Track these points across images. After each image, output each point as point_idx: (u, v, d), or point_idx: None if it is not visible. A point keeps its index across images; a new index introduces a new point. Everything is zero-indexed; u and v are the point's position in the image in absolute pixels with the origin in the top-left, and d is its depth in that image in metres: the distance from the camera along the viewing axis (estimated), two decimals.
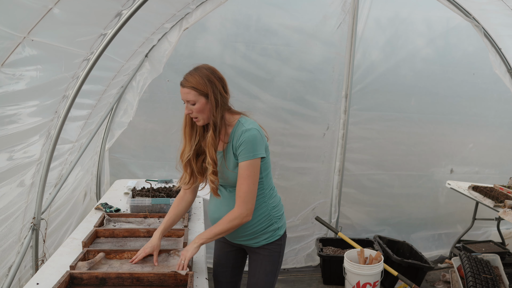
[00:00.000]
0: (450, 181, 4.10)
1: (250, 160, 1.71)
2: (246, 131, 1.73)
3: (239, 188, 1.73)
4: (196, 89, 1.74)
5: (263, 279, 1.90)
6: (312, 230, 4.00)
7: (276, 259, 1.91)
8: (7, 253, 2.02)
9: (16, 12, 1.38)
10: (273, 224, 1.87)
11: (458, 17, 3.27)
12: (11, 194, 1.90)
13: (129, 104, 3.23)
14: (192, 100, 1.75)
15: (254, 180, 1.73)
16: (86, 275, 1.65)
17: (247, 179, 1.72)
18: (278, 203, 1.92)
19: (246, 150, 1.71)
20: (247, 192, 1.72)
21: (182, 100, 1.79)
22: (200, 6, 2.88)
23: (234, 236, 1.90)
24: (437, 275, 3.83)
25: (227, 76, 3.90)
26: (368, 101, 3.83)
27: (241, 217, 1.73)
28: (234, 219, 1.73)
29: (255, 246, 1.89)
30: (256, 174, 1.73)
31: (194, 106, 1.75)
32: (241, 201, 1.73)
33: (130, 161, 3.68)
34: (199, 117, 1.77)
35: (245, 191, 1.72)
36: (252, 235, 1.86)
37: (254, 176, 1.73)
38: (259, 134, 1.74)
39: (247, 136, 1.71)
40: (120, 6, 1.91)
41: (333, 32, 3.61)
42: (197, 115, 1.76)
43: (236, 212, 1.73)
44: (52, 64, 1.77)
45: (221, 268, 2.06)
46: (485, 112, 4.05)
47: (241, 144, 1.71)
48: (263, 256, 1.89)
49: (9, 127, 1.68)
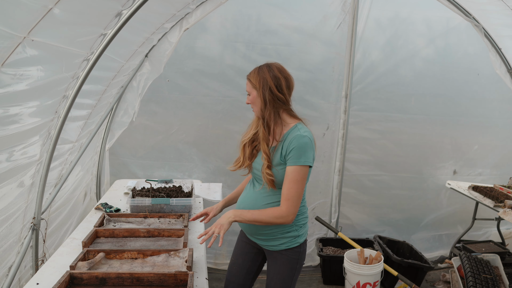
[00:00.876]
0: (450, 181, 4.10)
1: (300, 166, 1.77)
2: (300, 136, 1.78)
3: (287, 191, 1.78)
4: (250, 81, 1.89)
5: (279, 284, 1.94)
6: (312, 230, 4.01)
7: (294, 265, 1.93)
8: (7, 253, 2.02)
9: (16, 12, 1.38)
10: (293, 231, 1.90)
11: (458, 17, 3.27)
12: (11, 194, 1.90)
13: (129, 104, 3.23)
14: (248, 90, 1.90)
15: (302, 185, 1.79)
16: (86, 275, 1.65)
17: (296, 183, 1.77)
18: (303, 213, 1.95)
19: (297, 155, 1.76)
20: (295, 195, 1.77)
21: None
22: (200, 6, 2.88)
23: (253, 232, 1.96)
24: (437, 275, 3.83)
25: (227, 76, 3.93)
26: (368, 101, 3.83)
27: (284, 217, 1.79)
28: (279, 217, 1.79)
29: (273, 250, 1.93)
30: (304, 180, 1.79)
31: (249, 96, 1.89)
32: (289, 203, 1.78)
33: (130, 161, 3.68)
34: (253, 107, 1.90)
35: (293, 194, 1.77)
36: (269, 236, 1.91)
37: (302, 181, 1.79)
38: (311, 143, 1.80)
39: (301, 142, 1.77)
40: (120, 6, 1.91)
41: (333, 32, 3.61)
42: (251, 104, 1.90)
43: (283, 212, 1.78)
44: (52, 64, 1.77)
45: (236, 268, 2.10)
46: (488, 112, 4.03)
47: (293, 148, 1.77)
48: (281, 261, 1.93)
49: (10, 127, 1.68)
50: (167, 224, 2.35)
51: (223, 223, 1.79)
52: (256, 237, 1.97)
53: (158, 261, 1.85)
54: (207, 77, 3.58)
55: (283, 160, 1.80)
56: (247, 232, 2.01)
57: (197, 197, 3.01)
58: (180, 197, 2.77)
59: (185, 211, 2.55)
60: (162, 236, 2.16)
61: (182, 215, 2.43)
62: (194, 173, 3.74)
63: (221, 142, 3.71)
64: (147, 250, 1.89)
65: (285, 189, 1.78)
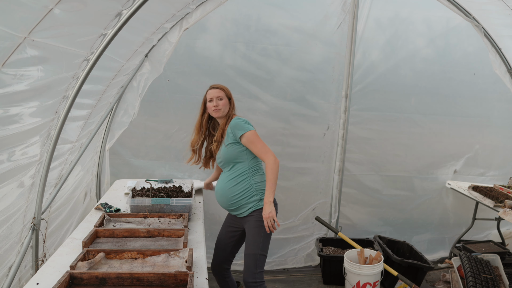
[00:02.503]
0: (450, 181, 4.10)
1: (247, 133, 2.39)
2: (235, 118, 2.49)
3: (256, 150, 2.38)
4: (224, 91, 2.56)
5: (251, 241, 2.41)
6: (312, 230, 4.01)
7: (261, 223, 2.39)
8: (7, 253, 2.02)
9: (16, 12, 1.38)
10: (255, 196, 2.44)
11: (458, 17, 3.27)
12: (11, 195, 1.91)
13: (129, 104, 3.23)
14: (221, 96, 2.51)
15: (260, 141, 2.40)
16: (86, 275, 1.65)
17: (258, 143, 2.39)
18: (262, 180, 2.48)
19: (238, 129, 2.40)
20: (261, 148, 2.38)
21: (211, 98, 2.51)
22: (200, 6, 2.88)
23: (225, 206, 2.53)
24: (437, 275, 3.83)
25: (227, 76, 3.94)
26: (368, 101, 3.83)
27: (276, 163, 2.35)
28: (274, 167, 2.34)
29: (244, 216, 2.46)
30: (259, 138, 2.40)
31: (221, 100, 2.51)
32: (264, 155, 2.37)
33: (130, 161, 3.68)
34: (221, 109, 2.50)
35: (260, 148, 2.38)
36: (236, 205, 2.46)
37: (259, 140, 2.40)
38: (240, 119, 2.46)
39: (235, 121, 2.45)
40: (120, 6, 1.91)
41: (333, 32, 3.61)
42: (221, 107, 2.50)
43: (271, 162, 2.35)
44: (53, 64, 1.77)
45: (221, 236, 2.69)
46: (487, 112, 4.04)
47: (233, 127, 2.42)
48: (251, 223, 2.43)
49: (10, 127, 1.68)
50: (167, 224, 2.35)
51: (269, 211, 2.31)
52: (229, 209, 2.54)
53: (158, 261, 1.85)
54: (207, 77, 3.57)
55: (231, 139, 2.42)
56: (223, 206, 2.56)
57: (197, 198, 3.01)
58: (180, 197, 2.77)
59: (185, 211, 2.55)
60: (162, 236, 2.16)
61: (182, 215, 2.43)
62: (194, 173, 3.74)
63: None
64: (147, 250, 1.89)
65: (256, 149, 2.38)
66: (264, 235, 2.40)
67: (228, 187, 2.46)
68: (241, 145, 2.42)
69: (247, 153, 2.45)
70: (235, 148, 2.43)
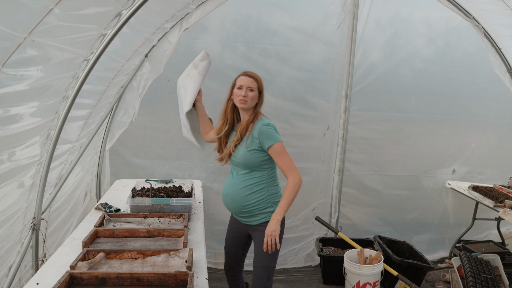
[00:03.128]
0: (450, 181, 4.11)
1: (275, 144, 2.19)
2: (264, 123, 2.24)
3: (281, 163, 2.20)
4: (258, 82, 2.30)
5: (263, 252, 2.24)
6: (312, 230, 4.01)
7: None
8: (8, 253, 2.02)
9: (17, 12, 1.38)
10: (269, 207, 2.27)
11: (458, 17, 3.27)
12: (12, 195, 1.91)
13: (129, 104, 3.23)
14: (253, 87, 2.26)
15: (287, 155, 2.21)
16: (86, 275, 1.65)
17: (284, 156, 2.20)
18: (277, 192, 2.33)
19: (267, 137, 2.19)
20: (288, 162, 2.19)
21: (241, 85, 2.27)
22: (200, 6, 2.88)
23: (236, 212, 2.35)
24: (437, 275, 3.83)
25: (227, 76, 3.94)
26: (368, 101, 3.83)
27: (299, 182, 2.19)
28: (296, 185, 2.18)
29: (254, 224, 2.31)
30: (285, 151, 2.22)
31: (251, 92, 2.26)
32: (289, 172, 2.19)
33: (130, 161, 3.68)
34: (248, 102, 2.26)
35: (286, 163, 2.19)
36: (249, 213, 2.29)
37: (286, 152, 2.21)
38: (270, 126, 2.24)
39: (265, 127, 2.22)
40: (120, 6, 1.91)
41: (333, 32, 3.61)
42: (248, 99, 2.25)
43: (295, 179, 2.18)
44: (53, 64, 1.77)
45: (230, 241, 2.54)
46: (485, 111, 4.04)
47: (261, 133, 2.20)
48: (262, 231, 2.26)
49: (10, 127, 1.68)
50: (167, 224, 2.35)
51: (274, 229, 2.15)
52: (239, 215, 2.36)
53: (158, 261, 1.85)
54: (207, 77, 3.55)
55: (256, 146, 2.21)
56: (232, 211, 2.41)
57: (197, 198, 3.01)
58: (180, 197, 2.77)
59: (185, 211, 2.55)
60: (162, 236, 2.16)
61: (182, 215, 2.43)
62: (194, 172, 3.75)
63: None
64: (147, 250, 1.89)
65: (282, 162, 2.19)
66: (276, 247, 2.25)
67: (242, 194, 2.27)
68: (265, 153, 2.23)
69: (269, 162, 2.27)
70: (258, 155, 2.23)
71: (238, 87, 2.27)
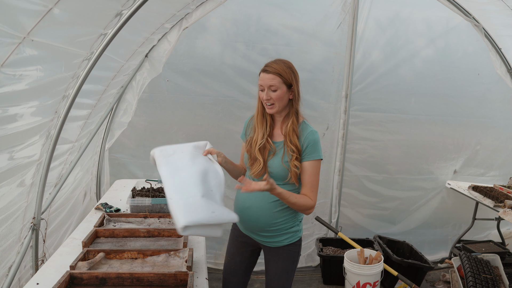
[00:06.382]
0: (450, 181, 4.10)
1: (317, 160, 1.87)
2: (314, 132, 1.90)
3: (308, 181, 1.86)
4: (281, 76, 1.83)
5: (284, 278, 2.01)
6: (312, 230, 4.00)
7: (296, 258, 2.03)
8: (7, 253, 2.02)
9: (16, 12, 1.38)
10: (296, 226, 1.99)
11: (458, 17, 3.27)
12: (11, 194, 1.90)
13: (129, 104, 3.23)
14: (275, 86, 1.83)
15: (319, 177, 1.90)
16: (86, 275, 1.65)
17: (316, 176, 1.86)
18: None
19: (312, 150, 1.85)
20: (315, 183, 1.87)
21: (261, 86, 1.86)
22: (200, 6, 2.89)
23: (259, 229, 1.96)
24: (437, 275, 3.83)
25: (227, 76, 3.93)
26: (368, 101, 3.83)
27: (312, 209, 1.88)
28: (309, 208, 1.86)
29: (275, 246, 1.98)
30: (319, 172, 1.90)
31: (275, 92, 1.83)
32: (311, 192, 1.86)
33: (130, 161, 3.68)
34: (276, 104, 1.86)
35: (313, 182, 1.86)
36: (276, 232, 1.95)
37: (319, 173, 1.89)
38: (317, 136, 1.91)
39: (315, 138, 1.87)
40: (120, 6, 1.91)
41: (333, 32, 3.61)
42: (275, 102, 1.85)
43: (313, 203, 1.87)
44: (52, 64, 1.77)
45: (235, 267, 2.15)
46: (489, 112, 4.03)
47: (309, 144, 1.85)
48: (283, 256, 1.99)
49: (9, 127, 1.68)
50: (167, 224, 2.35)
51: (261, 187, 1.71)
52: (261, 233, 1.97)
53: (158, 261, 1.85)
54: (207, 77, 3.58)
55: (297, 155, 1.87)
56: (251, 229, 2.01)
57: None
58: None
59: None
60: (162, 236, 2.16)
61: None
62: None
63: (220, 142, 3.70)
64: (147, 250, 1.89)
65: (309, 180, 1.85)
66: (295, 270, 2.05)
67: (272, 210, 1.91)
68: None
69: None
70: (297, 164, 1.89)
71: (261, 89, 1.90)
